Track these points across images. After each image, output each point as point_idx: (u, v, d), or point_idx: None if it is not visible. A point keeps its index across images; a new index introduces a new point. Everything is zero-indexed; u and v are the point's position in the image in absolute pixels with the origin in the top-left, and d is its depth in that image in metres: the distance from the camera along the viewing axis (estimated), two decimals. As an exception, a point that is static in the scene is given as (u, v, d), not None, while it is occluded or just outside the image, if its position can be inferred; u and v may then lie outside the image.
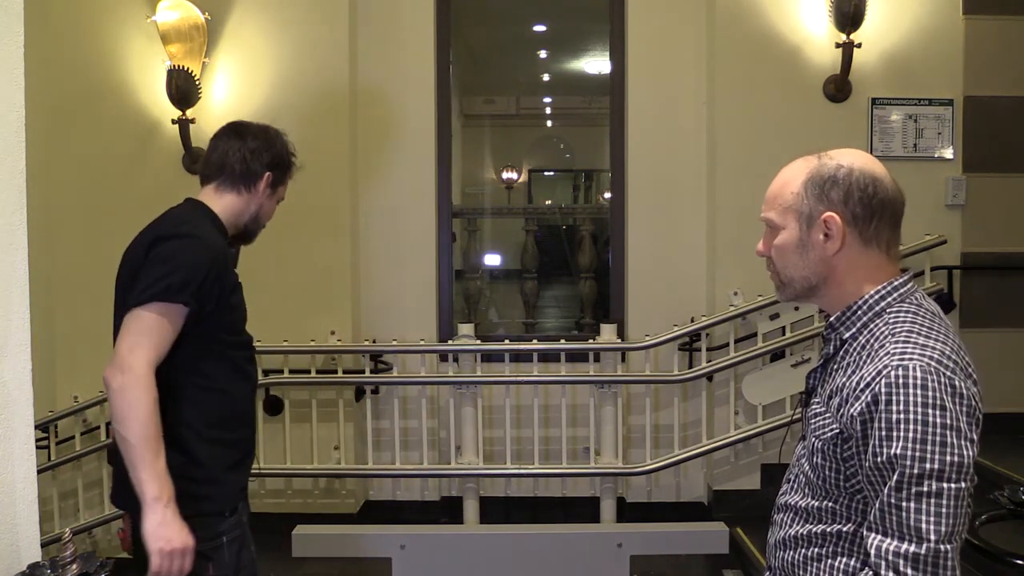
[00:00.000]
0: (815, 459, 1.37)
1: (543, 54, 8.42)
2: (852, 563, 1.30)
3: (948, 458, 1.16)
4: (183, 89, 3.89)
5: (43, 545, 1.54)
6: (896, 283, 1.36)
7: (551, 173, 12.23)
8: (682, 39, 4.14)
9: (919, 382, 1.19)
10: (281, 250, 4.08)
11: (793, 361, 3.78)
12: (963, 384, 1.21)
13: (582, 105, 9.44)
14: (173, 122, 3.96)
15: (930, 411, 1.18)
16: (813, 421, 1.39)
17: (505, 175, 11.20)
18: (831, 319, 1.40)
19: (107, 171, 4.09)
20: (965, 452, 1.17)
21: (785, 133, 3.97)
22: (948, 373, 1.20)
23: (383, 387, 4.03)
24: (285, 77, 4.05)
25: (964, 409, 1.19)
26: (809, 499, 1.40)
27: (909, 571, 1.16)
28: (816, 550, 1.38)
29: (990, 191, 4.00)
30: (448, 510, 4.09)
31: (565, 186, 12.17)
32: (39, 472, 1.60)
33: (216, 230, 2.04)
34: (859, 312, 1.36)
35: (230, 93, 4.06)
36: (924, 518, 1.16)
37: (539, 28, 7.45)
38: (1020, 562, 1.97)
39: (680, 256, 4.15)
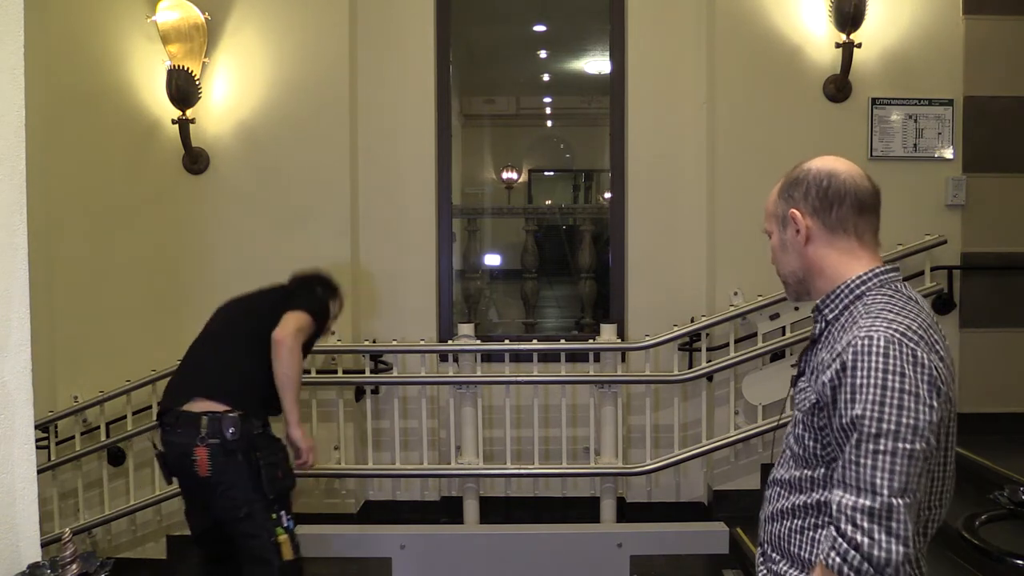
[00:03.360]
0: (797, 430, 1.47)
1: (543, 54, 8.42)
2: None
3: (904, 420, 1.27)
4: (183, 89, 3.90)
5: (43, 545, 1.54)
6: (878, 270, 1.46)
7: (551, 173, 12.23)
8: (682, 39, 4.14)
9: (882, 350, 1.30)
10: (281, 250, 4.09)
11: (793, 361, 3.78)
12: (925, 355, 1.31)
13: (582, 105, 9.44)
14: (173, 122, 3.96)
15: (890, 376, 1.28)
16: (798, 397, 1.49)
17: (505, 175, 11.20)
18: (817, 302, 1.51)
19: (107, 171, 4.09)
20: (921, 416, 1.27)
21: (785, 133, 3.98)
22: (911, 344, 1.31)
23: (383, 387, 4.03)
24: (285, 77, 4.05)
25: (924, 377, 1.29)
26: (792, 470, 1.49)
27: (865, 523, 1.25)
28: (799, 522, 1.46)
29: (990, 191, 4.00)
30: (448, 510, 4.10)
31: (565, 186, 12.18)
32: (39, 472, 1.60)
33: None
34: (841, 295, 1.46)
35: (230, 93, 4.07)
36: (879, 474, 1.26)
37: (539, 28, 7.45)
38: (1020, 562, 1.97)
39: (680, 256, 4.15)
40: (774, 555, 1.54)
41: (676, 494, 4.09)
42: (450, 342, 3.96)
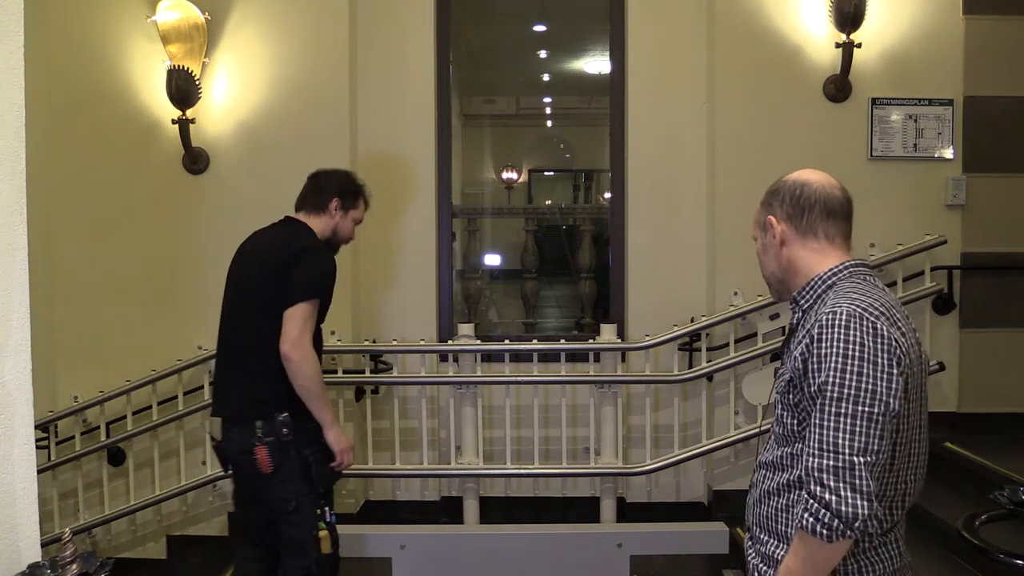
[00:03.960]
0: (777, 410, 1.60)
1: (543, 54, 8.41)
2: None
3: (864, 385, 1.40)
4: (183, 89, 3.90)
5: (43, 545, 1.54)
6: (848, 263, 1.61)
7: (551, 173, 12.23)
8: (682, 39, 4.14)
9: (843, 323, 1.44)
10: (281, 250, 4.08)
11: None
12: (885, 328, 1.44)
13: (582, 105, 9.43)
14: (173, 122, 3.96)
15: (851, 346, 1.42)
16: (778, 382, 1.62)
17: (505, 175, 11.20)
18: (795, 294, 1.66)
19: (107, 171, 4.09)
20: (880, 382, 1.41)
21: (785, 133, 3.98)
22: (871, 318, 1.45)
23: (383, 387, 4.03)
24: (285, 77, 4.05)
25: (884, 347, 1.42)
26: (775, 451, 1.60)
27: (831, 482, 1.37)
28: (784, 500, 1.56)
29: (990, 191, 4.00)
30: (448, 510, 4.10)
31: (565, 186, 12.18)
32: (39, 472, 1.60)
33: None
34: (815, 286, 1.62)
35: (230, 93, 4.07)
36: (840, 435, 1.39)
37: (539, 28, 7.44)
38: (1020, 562, 1.97)
39: (680, 256, 4.15)
40: (762, 536, 1.61)
41: (676, 494, 4.09)
42: (450, 342, 3.96)
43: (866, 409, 1.39)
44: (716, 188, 4.04)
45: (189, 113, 3.96)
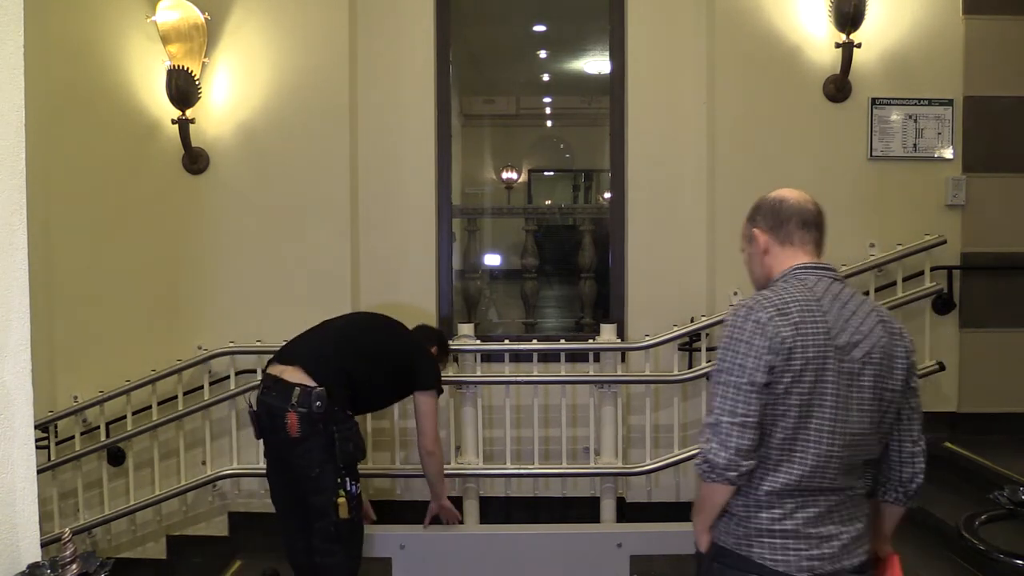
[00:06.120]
0: None
1: (543, 54, 8.41)
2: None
3: (736, 361, 1.73)
4: (183, 89, 3.90)
5: (43, 545, 1.53)
6: (797, 266, 1.86)
7: (551, 173, 12.21)
8: (682, 39, 4.14)
9: (734, 313, 1.79)
10: (281, 250, 4.09)
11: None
12: (767, 318, 1.73)
13: (582, 105, 9.43)
14: (173, 122, 3.96)
15: (734, 331, 1.76)
16: None
17: (505, 175, 11.19)
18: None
19: (107, 171, 4.09)
20: (749, 359, 1.71)
21: (785, 133, 3.98)
22: (759, 310, 1.75)
23: (383, 387, 4.03)
24: (285, 77, 4.05)
25: (759, 333, 1.72)
26: None
27: (709, 434, 1.74)
28: None
29: (990, 191, 4.00)
30: (448, 510, 4.09)
31: (565, 186, 12.16)
32: (39, 472, 1.60)
33: None
34: (770, 285, 1.90)
35: (230, 93, 4.07)
36: (715, 400, 1.75)
37: (539, 28, 7.44)
38: (1020, 562, 1.97)
39: (680, 256, 4.15)
40: None
41: (676, 494, 4.08)
42: (450, 342, 3.95)
43: (733, 379, 1.72)
44: (716, 188, 4.04)
45: (189, 113, 3.96)
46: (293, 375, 2.86)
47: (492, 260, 7.84)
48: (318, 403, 2.78)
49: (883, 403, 1.77)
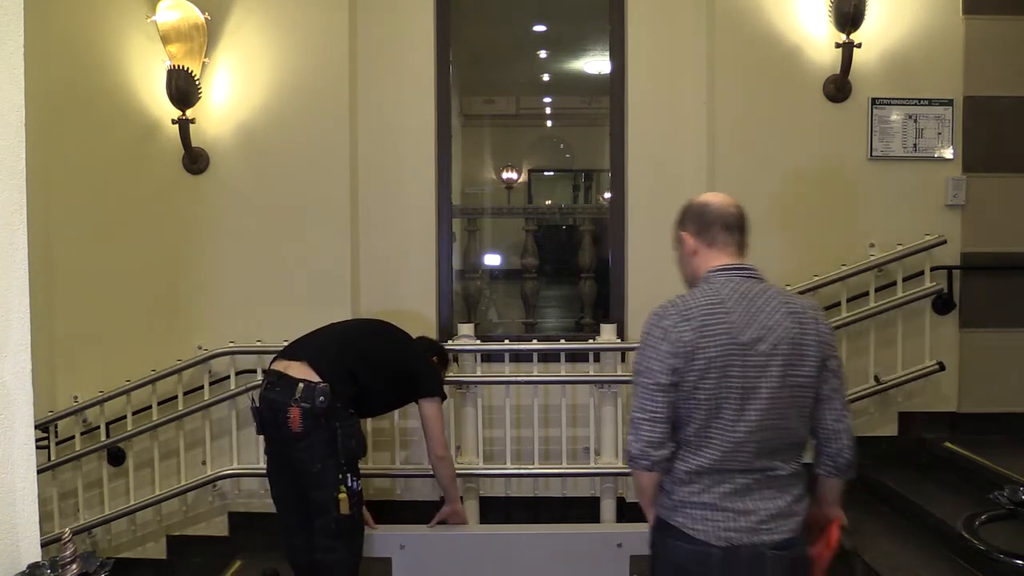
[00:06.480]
0: None
1: (543, 54, 8.40)
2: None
3: (644, 364, 1.94)
4: (183, 89, 3.90)
5: (43, 545, 1.53)
6: (715, 268, 2.01)
7: (551, 173, 12.21)
8: (682, 39, 4.14)
9: (647, 320, 1.98)
10: (281, 250, 4.09)
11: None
12: (672, 323, 1.91)
13: (582, 105, 9.42)
14: (173, 122, 3.96)
15: (645, 336, 1.97)
16: None
17: (505, 175, 11.19)
18: None
19: (107, 171, 4.09)
20: (654, 362, 1.91)
21: (785, 133, 3.98)
22: (664, 316, 1.94)
23: (383, 387, 4.02)
24: (285, 77, 4.05)
25: (661, 337, 1.91)
26: None
27: (630, 428, 1.96)
28: None
29: (990, 191, 4.00)
30: (448, 510, 4.09)
31: (565, 186, 12.16)
32: (39, 472, 1.60)
33: None
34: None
35: (230, 93, 4.07)
36: (633, 400, 1.96)
37: (539, 28, 7.44)
38: (1020, 562, 1.96)
39: (680, 256, 4.14)
40: None
41: (676, 494, 4.08)
42: (450, 342, 3.95)
43: (644, 380, 1.93)
44: (716, 188, 4.01)
45: (189, 113, 3.96)
46: (298, 371, 2.87)
47: (492, 260, 7.84)
48: (321, 398, 2.79)
49: (796, 388, 1.91)
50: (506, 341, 4.03)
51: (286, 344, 3.11)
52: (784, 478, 1.94)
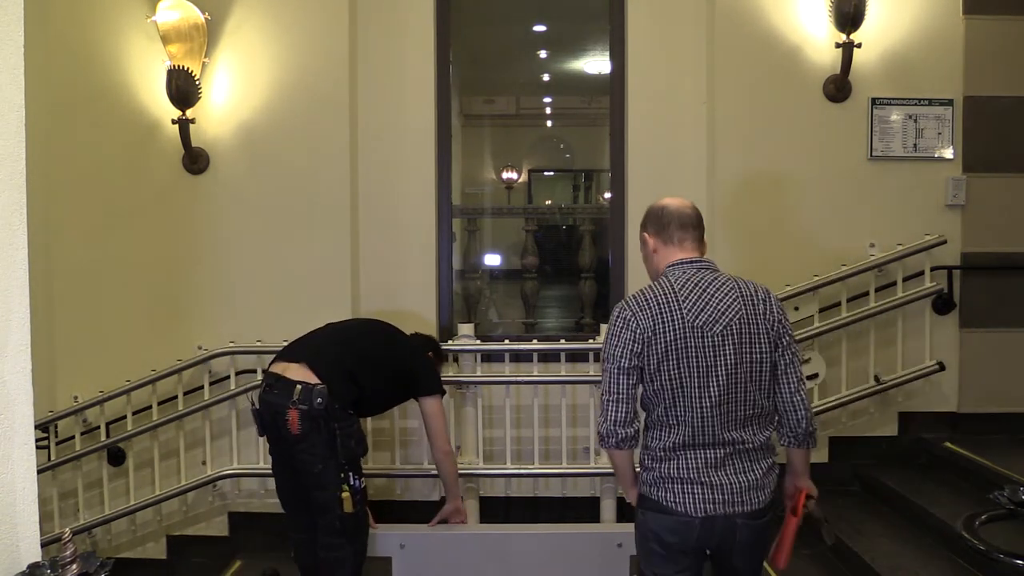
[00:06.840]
0: None
1: (543, 54, 8.40)
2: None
3: (607, 350, 2.18)
4: (183, 89, 3.90)
5: (43, 545, 1.53)
6: (673, 262, 2.24)
7: (551, 173, 12.21)
8: (682, 39, 4.14)
9: (613, 311, 2.21)
10: (281, 250, 4.09)
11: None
12: (632, 313, 2.16)
13: (582, 105, 9.42)
14: (173, 122, 3.96)
15: (610, 326, 2.19)
16: None
17: (505, 175, 11.19)
18: None
19: (107, 171, 4.09)
20: (616, 348, 2.15)
21: (785, 133, 3.98)
22: (625, 308, 2.18)
23: (383, 387, 4.02)
24: (285, 77, 4.05)
25: (623, 325, 2.16)
26: None
27: (599, 411, 2.19)
28: None
29: (990, 191, 4.00)
30: (448, 510, 4.09)
31: (565, 186, 12.16)
32: (39, 472, 1.60)
33: None
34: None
35: (230, 93, 4.07)
36: (601, 383, 2.18)
37: (539, 28, 7.43)
38: (1020, 562, 1.96)
39: (680, 256, 4.14)
40: None
41: (676, 494, 4.08)
42: (450, 342, 3.95)
43: (607, 365, 2.16)
44: (716, 188, 4.04)
45: (189, 113, 3.96)
46: (296, 373, 2.88)
47: (492, 260, 7.83)
48: (319, 400, 2.80)
49: (753, 363, 2.13)
50: (506, 341, 4.04)
51: (285, 345, 3.11)
52: (753, 451, 2.16)
